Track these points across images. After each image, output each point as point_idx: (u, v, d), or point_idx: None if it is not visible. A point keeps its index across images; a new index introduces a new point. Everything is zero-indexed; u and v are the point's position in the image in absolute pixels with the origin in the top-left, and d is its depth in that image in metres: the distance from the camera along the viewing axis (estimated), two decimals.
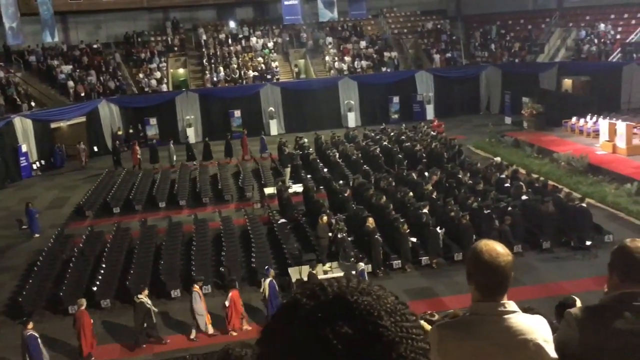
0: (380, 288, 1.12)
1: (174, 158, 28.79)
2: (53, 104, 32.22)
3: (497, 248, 2.49)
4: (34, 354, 11.93)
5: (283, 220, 19.24)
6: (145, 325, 13.13)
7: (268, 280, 13.62)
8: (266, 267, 14.60)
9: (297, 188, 22.24)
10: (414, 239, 16.40)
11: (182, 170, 26.78)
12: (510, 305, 2.48)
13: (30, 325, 12.34)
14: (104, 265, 16.28)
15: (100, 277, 15.55)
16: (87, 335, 12.61)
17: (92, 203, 23.20)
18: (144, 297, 13.27)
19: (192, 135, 34.16)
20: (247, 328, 13.36)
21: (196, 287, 13.55)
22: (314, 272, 14.00)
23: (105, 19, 38.53)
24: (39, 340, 12.17)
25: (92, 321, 12.89)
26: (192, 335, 13.35)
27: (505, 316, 2.45)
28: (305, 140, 28.90)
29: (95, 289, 15.05)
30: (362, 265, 14.51)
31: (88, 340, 12.63)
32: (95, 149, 32.91)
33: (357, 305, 1.05)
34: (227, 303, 13.21)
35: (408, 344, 1.04)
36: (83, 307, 12.84)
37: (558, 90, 34.06)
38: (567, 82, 34.38)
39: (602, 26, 35.06)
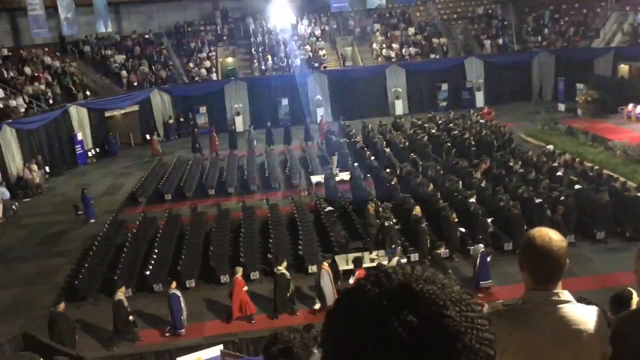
0: (445, 277, 1.11)
1: (255, 143, 29.13)
2: (107, 93, 33.07)
3: (550, 234, 2.46)
4: (175, 310, 13.19)
5: (330, 208, 19.29)
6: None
7: (395, 259, 14.02)
8: (393, 246, 14.95)
9: (344, 176, 22.25)
10: (462, 229, 16.21)
11: (231, 158, 27.13)
12: (565, 294, 2.43)
13: (174, 285, 13.43)
14: (156, 251, 16.68)
15: (152, 262, 15.94)
16: (235, 300, 13.55)
17: (144, 190, 23.78)
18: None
19: (239, 123, 34.54)
20: None
21: (325, 265, 13.90)
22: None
23: (156, 9, 39.24)
24: (180, 298, 13.26)
25: (246, 288, 13.79)
26: (316, 307, 13.83)
27: (559, 305, 2.40)
28: (347, 123, 28.91)
29: (148, 273, 15.44)
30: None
31: (236, 305, 13.56)
32: (148, 137, 33.62)
33: (422, 294, 1.04)
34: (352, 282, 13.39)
35: (473, 334, 1.03)
36: (238, 275, 13.75)
37: (614, 77, 32.95)
38: (624, 68, 33.20)
39: None
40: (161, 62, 36.26)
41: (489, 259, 14.35)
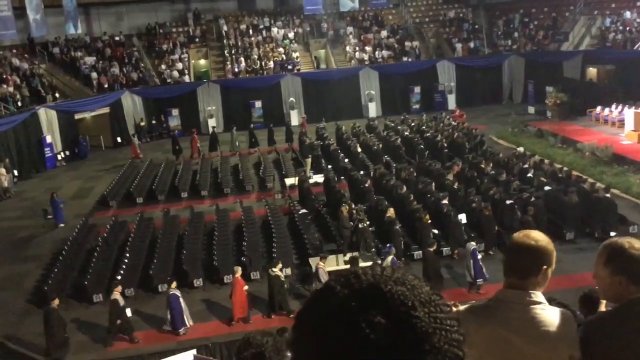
0: (415, 278, 1.11)
1: (237, 144, 28.96)
2: (77, 95, 32.58)
3: (530, 232, 2.51)
4: (175, 310, 13.26)
5: (304, 210, 19.29)
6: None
7: (390, 257, 14.15)
8: (388, 245, 15.02)
9: (318, 178, 22.27)
10: (435, 230, 16.33)
11: (204, 161, 26.95)
12: (538, 295, 2.45)
13: (174, 285, 13.53)
14: (127, 255, 16.49)
15: (124, 267, 15.74)
16: (236, 302, 13.46)
17: (115, 193, 23.48)
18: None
19: (213, 125, 34.28)
20: None
21: (321, 264, 14.03)
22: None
23: (127, 10, 38.80)
24: (180, 299, 13.34)
25: (246, 287, 13.69)
26: None
27: (532, 306, 2.42)
28: (324, 125, 28.96)
29: (119, 277, 15.24)
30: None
31: (237, 306, 13.44)
32: (119, 139, 33.24)
33: (391, 295, 1.04)
34: None
35: (442, 335, 1.03)
36: (238, 275, 13.67)
37: (582, 79, 33.55)
38: (592, 71, 33.84)
39: (627, 14, 34.38)
40: (132, 63, 35.86)
41: (480, 257, 14.48)
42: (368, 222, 16.72)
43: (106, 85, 33.70)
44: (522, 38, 37.95)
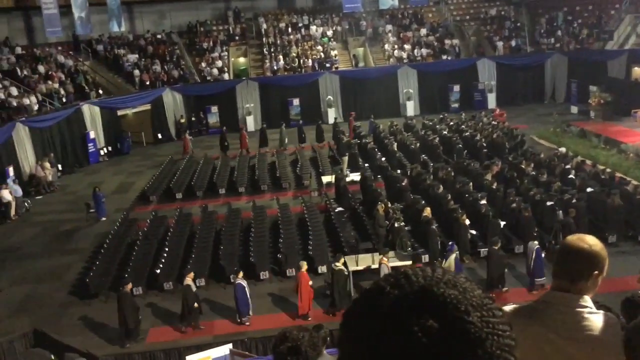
0: (466, 280, 1.08)
1: (286, 141, 29.28)
2: (119, 92, 33.26)
3: (584, 236, 2.48)
4: (240, 299, 13.50)
5: (340, 208, 19.29)
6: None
7: (453, 255, 14.12)
8: (450, 242, 14.94)
9: (355, 177, 22.25)
10: (473, 231, 16.16)
11: (241, 158, 27.20)
12: (585, 299, 2.42)
13: (240, 275, 13.79)
14: (166, 249, 16.76)
15: (163, 261, 16.01)
16: (303, 296, 13.55)
17: (155, 188, 23.89)
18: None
19: (251, 123, 34.63)
20: None
21: (384, 260, 14.11)
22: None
23: (169, 8, 39.41)
24: (246, 288, 13.55)
25: (311, 283, 13.78)
26: None
27: (578, 309, 2.39)
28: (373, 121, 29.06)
29: (158, 271, 15.52)
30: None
31: (304, 301, 13.56)
32: (159, 135, 33.80)
33: (444, 299, 1.01)
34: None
35: (494, 340, 1.00)
36: (304, 270, 13.73)
37: (627, 79, 32.66)
38: (637, 71, 32.90)
39: None
40: (173, 61, 36.40)
41: (543, 255, 14.32)
42: (404, 222, 16.64)
43: (148, 83, 34.29)
44: (565, 36, 37.17)
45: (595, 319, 2.38)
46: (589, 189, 17.65)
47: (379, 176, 22.16)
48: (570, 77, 34.87)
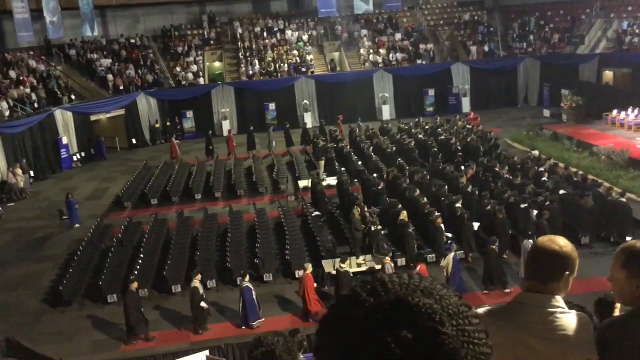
0: (443, 287, 1.08)
1: (274, 144, 29.18)
2: (92, 96, 32.88)
3: (555, 237, 2.51)
4: (248, 303, 13.47)
5: (317, 212, 19.29)
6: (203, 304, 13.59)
7: (451, 254, 14.25)
8: (449, 241, 15.15)
9: (331, 181, 22.27)
10: (448, 234, 16.27)
11: (218, 163, 27.07)
12: (557, 300, 2.44)
13: (247, 278, 13.76)
14: (142, 255, 16.58)
15: (138, 267, 15.83)
16: (310, 297, 13.56)
17: (130, 194, 23.64)
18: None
19: (227, 127, 34.48)
20: None
21: (387, 260, 14.36)
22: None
23: (143, 12, 39.11)
24: (253, 292, 13.55)
25: (315, 284, 13.85)
26: None
27: (550, 309, 2.42)
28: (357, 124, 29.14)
29: (132, 278, 15.32)
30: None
31: (313, 302, 13.60)
32: (134, 141, 33.49)
33: (418, 309, 1.01)
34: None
35: (470, 349, 1.01)
36: (308, 271, 13.82)
37: (598, 83, 33.29)
38: (608, 74, 33.56)
39: None
40: (148, 65, 36.12)
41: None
42: (381, 225, 16.70)
43: (121, 87, 33.96)
44: (537, 41, 37.73)
45: (568, 319, 2.41)
46: (562, 191, 17.90)
47: (355, 180, 22.23)
48: (543, 80, 35.40)
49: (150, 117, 34.33)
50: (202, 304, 13.42)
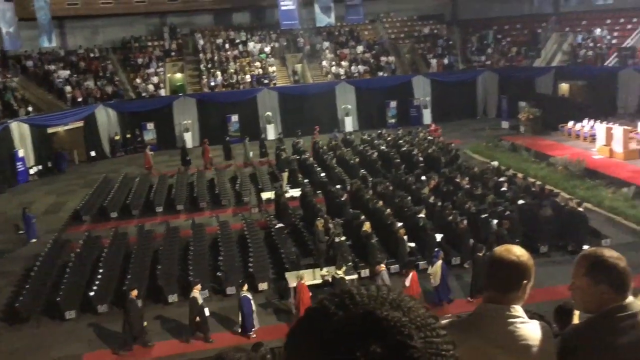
0: (411, 299, 1.09)
1: (250, 155, 28.99)
2: (50, 108, 32.21)
3: (512, 247, 2.54)
4: (246, 313, 13.44)
5: (280, 224, 19.22)
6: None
7: (439, 262, 14.32)
8: (436, 249, 15.20)
9: (295, 192, 22.24)
10: (411, 244, 16.40)
11: (180, 175, 26.75)
12: (517, 310, 2.47)
13: (245, 287, 13.75)
14: (101, 270, 16.24)
15: (97, 282, 15.50)
16: (305, 306, 13.29)
17: (89, 208, 23.17)
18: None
19: (189, 139, 34.21)
20: None
21: (382, 267, 14.56)
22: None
23: (102, 24, 38.54)
24: (251, 301, 13.53)
25: (310, 294, 13.80)
26: None
27: (511, 320, 2.44)
28: (301, 141, 29.14)
29: (92, 294, 15.00)
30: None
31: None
32: (93, 153, 32.89)
33: (387, 323, 1.01)
34: (407, 283, 13.83)
35: None
36: (303, 281, 13.85)
37: (555, 95, 34.15)
38: (564, 87, 34.47)
39: (598, 31, 35.20)
40: (107, 77, 35.60)
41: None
42: (344, 237, 16.72)
43: (80, 99, 33.38)
44: (495, 54, 38.56)
45: (529, 328, 2.44)
46: (520, 201, 18.24)
47: (318, 192, 22.24)
48: (501, 93, 36.12)
49: (110, 129, 33.79)
50: (206, 312, 13.37)
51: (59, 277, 16.60)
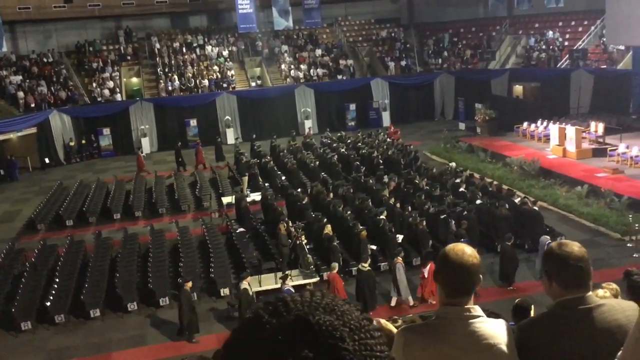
0: (345, 302, 1.11)
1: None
2: (2, 115, 31.29)
3: (464, 248, 2.55)
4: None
5: (241, 229, 19.11)
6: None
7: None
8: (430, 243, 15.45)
9: (256, 196, 22.14)
10: (373, 246, 16.50)
11: (138, 181, 26.32)
12: (476, 309, 2.51)
13: (287, 277, 14.03)
14: (57, 280, 15.84)
15: (53, 292, 15.12)
16: (341, 295, 13.46)
17: (44, 216, 22.59)
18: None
19: (146, 145, 33.72)
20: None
21: (399, 260, 14.50)
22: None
23: (55, 27, 37.66)
24: (292, 291, 13.07)
25: (343, 283, 14.13)
26: (393, 303, 14.44)
27: (471, 320, 2.47)
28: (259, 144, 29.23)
29: (48, 304, 14.62)
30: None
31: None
32: (47, 160, 32.10)
33: (319, 327, 1.02)
34: (425, 274, 14.16)
35: None
36: (335, 271, 14.02)
37: (509, 96, 34.87)
38: (518, 88, 35.23)
39: (550, 33, 36.13)
40: (61, 82, 34.81)
41: None
42: (306, 240, 16.72)
43: (33, 105, 32.55)
44: (451, 57, 39.16)
45: (489, 327, 2.48)
46: (478, 201, 18.56)
47: (279, 195, 22.19)
48: (458, 95, 36.66)
49: (65, 135, 33.04)
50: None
51: (14, 287, 16.12)
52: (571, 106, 32.05)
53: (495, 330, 2.48)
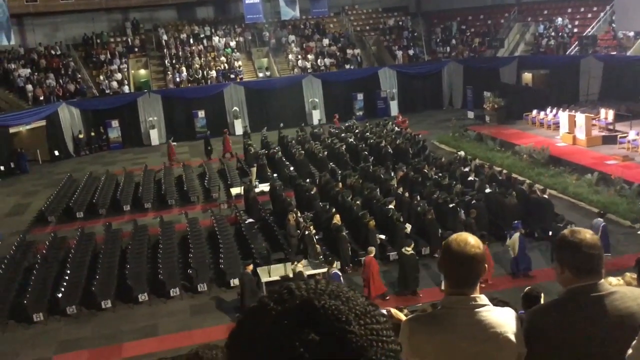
0: (350, 289, 1.10)
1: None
2: (11, 108, 31.48)
3: (467, 239, 2.53)
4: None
5: (250, 220, 19.15)
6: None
7: (516, 234, 14.58)
8: (515, 221, 15.31)
9: (264, 187, 22.17)
10: (382, 236, 16.49)
11: (147, 173, 26.40)
12: (482, 298, 2.50)
13: (335, 265, 14.26)
14: (68, 271, 15.95)
15: (64, 284, 15.23)
16: (375, 279, 13.89)
17: (54, 208, 22.73)
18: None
19: (155, 137, 33.80)
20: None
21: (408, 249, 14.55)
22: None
23: (62, 20, 37.74)
24: (341, 277, 13.67)
25: (379, 267, 14.28)
26: (442, 287, 14.32)
27: (477, 309, 2.47)
28: (267, 134, 29.16)
29: (60, 295, 14.74)
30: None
31: (376, 284, 13.94)
32: (56, 153, 32.26)
33: (325, 311, 1.02)
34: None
35: (378, 346, 1.03)
36: (372, 255, 14.17)
37: (518, 84, 34.65)
38: (527, 76, 34.99)
39: (559, 20, 35.79)
40: (69, 75, 34.91)
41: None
42: (315, 230, 16.73)
43: (42, 98, 32.68)
44: (459, 45, 38.92)
45: (495, 316, 2.47)
46: (487, 190, 18.49)
47: (288, 186, 22.20)
48: (466, 83, 36.47)
49: (74, 127, 33.17)
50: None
51: (25, 279, 16.26)
52: (581, 93, 31.80)
53: (501, 318, 2.47)
